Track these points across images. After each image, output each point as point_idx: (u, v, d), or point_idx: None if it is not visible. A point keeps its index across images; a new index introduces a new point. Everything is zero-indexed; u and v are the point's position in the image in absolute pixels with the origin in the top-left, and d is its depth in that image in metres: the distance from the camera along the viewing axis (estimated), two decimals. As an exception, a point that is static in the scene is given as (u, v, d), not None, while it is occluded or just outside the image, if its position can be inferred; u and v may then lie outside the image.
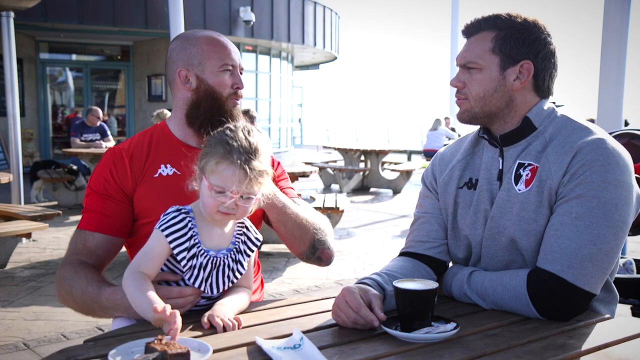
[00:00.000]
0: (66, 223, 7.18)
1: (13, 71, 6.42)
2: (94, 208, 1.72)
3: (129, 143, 1.82)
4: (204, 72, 1.77)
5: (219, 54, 1.78)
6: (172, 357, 1.11)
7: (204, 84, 1.77)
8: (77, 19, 12.49)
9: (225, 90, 1.78)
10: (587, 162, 1.44)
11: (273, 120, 17.38)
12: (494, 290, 1.49)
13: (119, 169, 1.74)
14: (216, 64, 1.77)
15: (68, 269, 1.64)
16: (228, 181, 1.39)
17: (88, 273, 1.61)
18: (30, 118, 13.70)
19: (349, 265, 5.55)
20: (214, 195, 1.41)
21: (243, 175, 1.38)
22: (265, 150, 1.45)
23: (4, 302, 4.25)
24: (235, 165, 1.38)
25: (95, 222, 1.70)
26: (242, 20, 14.18)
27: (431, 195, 1.74)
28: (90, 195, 1.75)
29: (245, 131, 1.44)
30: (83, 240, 1.69)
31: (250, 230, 1.57)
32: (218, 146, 1.41)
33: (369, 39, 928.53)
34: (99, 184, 1.74)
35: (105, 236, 1.70)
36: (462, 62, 1.59)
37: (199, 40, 1.79)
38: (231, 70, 1.79)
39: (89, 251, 1.68)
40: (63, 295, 1.65)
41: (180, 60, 1.79)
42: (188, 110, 1.79)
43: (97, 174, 1.76)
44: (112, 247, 1.72)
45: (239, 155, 1.38)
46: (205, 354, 1.16)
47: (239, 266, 1.52)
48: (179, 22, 5.98)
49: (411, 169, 11.18)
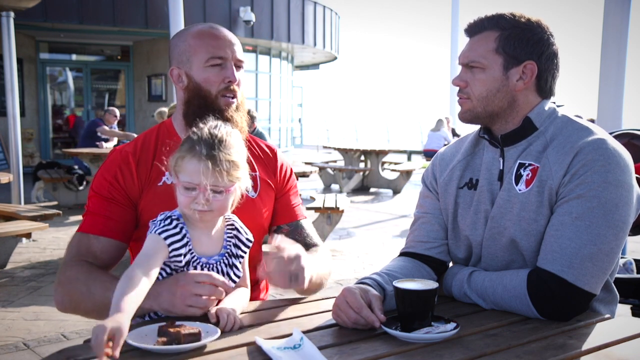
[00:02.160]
0: (66, 223, 7.18)
1: (13, 71, 6.42)
2: (97, 211, 1.65)
3: (134, 145, 1.74)
4: (191, 68, 1.68)
5: (205, 47, 1.67)
6: (186, 337, 1.18)
7: (192, 81, 1.68)
8: (77, 19, 12.49)
9: (213, 87, 1.67)
10: (587, 162, 1.43)
11: (273, 120, 17.39)
12: (494, 290, 1.48)
13: (125, 174, 1.66)
14: (202, 58, 1.66)
15: (80, 269, 1.55)
16: (194, 175, 1.37)
17: (106, 273, 1.55)
18: (30, 118, 13.70)
19: (349, 265, 5.55)
20: (184, 192, 1.40)
21: (206, 167, 1.36)
22: (234, 143, 1.42)
23: (4, 302, 4.25)
24: (199, 157, 1.37)
25: (100, 226, 1.63)
26: (242, 20, 14.18)
27: (431, 196, 1.74)
28: (93, 198, 1.67)
29: (212, 126, 1.43)
30: (86, 244, 1.62)
31: (241, 231, 1.54)
32: (184, 143, 1.41)
33: (369, 39, 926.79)
34: (103, 186, 1.66)
35: (111, 240, 1.63)
36: (465, 61, 1.58)
37: (188, 35, 1.70)
38: (220, 64, 1.67)
39: (93, 256, 1.61)
40: (74, 298, 1.55)
41: (173, 58, 1.73)
42: (184, 110, 1.73)
43: (101, 176, 1.68)
44: (116, 252, 1.65)
45: (201, 148, 1.38)
46: (213, 335, 1.24)
47: (235, 270, 1.50)
48: (179, 22, 5.99)
49: (411, 169, 11.18)
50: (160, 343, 1.20)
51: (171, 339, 1.19)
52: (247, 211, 1.74)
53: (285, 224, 1.86)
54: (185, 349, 1.18)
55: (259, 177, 1.81)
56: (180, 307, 1.38)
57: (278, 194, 1.87)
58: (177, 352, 1.18)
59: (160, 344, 1.19)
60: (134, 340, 1.20)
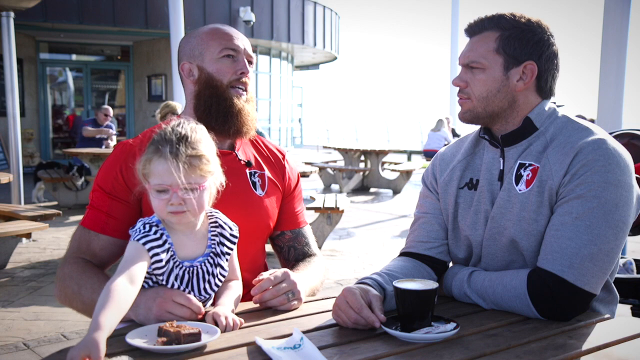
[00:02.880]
0: (66, 223, 7.18)
1: (13, 71, 6.42)
2: (100, 207, 1.65)
3: (140, 139, 1.71)
4: (203, 60, 1.71)
5: (218, 40, 1.71)
6: (185, 337, 1.19)
7: (204, 72, 1.72)
8: (77, 19, 12.49)
9: (225, 77, 1.71)
10: (587, 163, 1.44)
11: (273, 120, 17.39)
12: (494, 290, 1.48)
13: (129, 168, 1.65)
14: (215, 50, 1.70)
15: (75, 268, 1.59)
16: (164, 176, 1.35)
17: (99, 273, 1.57)
18: (30, 118, 13.70)
19: (349, 265, 5.55)
20: (158, 196, 1.37)
21: (175, 166, 1.34)
22: (200, 138, 1.40)
23: (4, 302, 4.25)
24: (165, 157, 1.34)
25: (101, 223, 1.64)
26: (242, 20, 14.18)
27: (431, 196, 1.74)
28: (97, 192, 1.67)
29: (175, 125, 1.41)
30: (87, 241, 1.64)
31: (225, 227, 1.50)
32: (149, 146, 1.39)
33: (369, 39, 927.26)
34: (107, 181, 1.66)
35: (111, 238, 1.64)
36: (465, 61, 1.58)
37: (201, 32, 1.76)
38: (233, 55, 1.72)
39: (93, 253, 1.63)
40: (68, 295, 1.58)
41: (184, 54, 1.76)
42: (195, 104, 1.74)
43: (105, 170, 1.68)
44: (116, 250, 1.66)
45: (165, 148, 1.35)
46: (213, 335, 1.23)
47: (220, 269, 1.48)
48: (179, 22, 5.99)
49: (411, 169, 11.18)
50: (160, 343, 1.20)
51: (171, 339, 1.20)
52: (254, 209, 1.74)
53: (289, 230, 1.88)
54: (185, 349, 1.19)
55: (267, 177, 1.82)
56: (153, 321, 1.37)
57: (285, 197, 1.88)
58: (177, 352, 1.18)
59: (160, 344, 1.19)
60: (134, 340, 1.20)
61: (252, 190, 1.77)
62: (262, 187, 1.79)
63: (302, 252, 1.88)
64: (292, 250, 1.87)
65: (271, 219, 1.81)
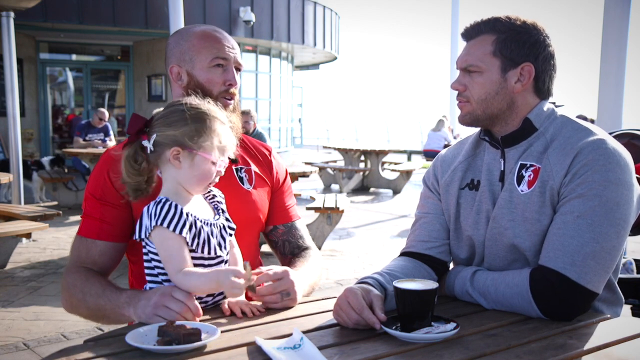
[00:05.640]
0: (66, 223, 7.19)
1: (13, 71, 6.42)
2: (93, 214, 1.67)
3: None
4: (194, 67, 1.70)
5: (210, 48, 1.69)
6: (186, 337, 1.19)
7: (193, 80, 1.71)
8: (77, 19, 12.48)
9: (215, 88, 1.70)
10: (588, 162, 1.44)
11: (273, 120, 17.38)
12: (496, 288, 1.49)
13: (116, 174, 1.65)
14: (206, 58, 1.69)
15: (78, 277, 1.61)
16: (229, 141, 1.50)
17: (102, 280, 1.59)
18: (30, 118, 13.70)
19: (349, 265, 5.55)
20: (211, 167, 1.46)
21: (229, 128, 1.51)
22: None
23: (4, 302, 4.25)
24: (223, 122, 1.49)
25: (96, 230, 1.65)
26: (242, 20, 14.18)
27: (433, 196, 1.74)
28: (88, 200, 1.69)
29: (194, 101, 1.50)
30: (86, 249, 1.66)
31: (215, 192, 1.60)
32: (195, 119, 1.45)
33: (369, 39, 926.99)
34: (97, 188, 1.68)
35: (108, 243, 1.66)
36: (463, 65, 1.59)
37: (191, 35, 1.72)
38: (223, 65, 1.71)
39: (93, 260, 1.65)
40: (73, 303, 1.61)
41: (173, 56, 1.74)
42: None
43: (94, 177, 1.70)
44: (115, 253, 1.68)
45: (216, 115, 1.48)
46: (213, 335, 1.24)
47: (230, 224, 1.58)
48: (179, 22, 5.98)
49: (411, 169, 11.18)
50: (160, 343, 1.20)
51: (171, 339, 1.20)
52: (243, 202, 1.77)
53: (281, 224, 1.90)
54: (185, 349, 1.19)
55: (254, 172, 1.85)
56: (149, 313, 1.39)
57: (274, 192, 1.90)
58: (177, 352, 1.18)
59: (160, 344, 1.19)
60: (134, 340, 1.20)
61: (239, 184, 1.79)
62: (250, 182, 1.82)
63: (296, 245, 1.90)
64: (287, 244, 1.90)
65: (261, 212, 1.82)
